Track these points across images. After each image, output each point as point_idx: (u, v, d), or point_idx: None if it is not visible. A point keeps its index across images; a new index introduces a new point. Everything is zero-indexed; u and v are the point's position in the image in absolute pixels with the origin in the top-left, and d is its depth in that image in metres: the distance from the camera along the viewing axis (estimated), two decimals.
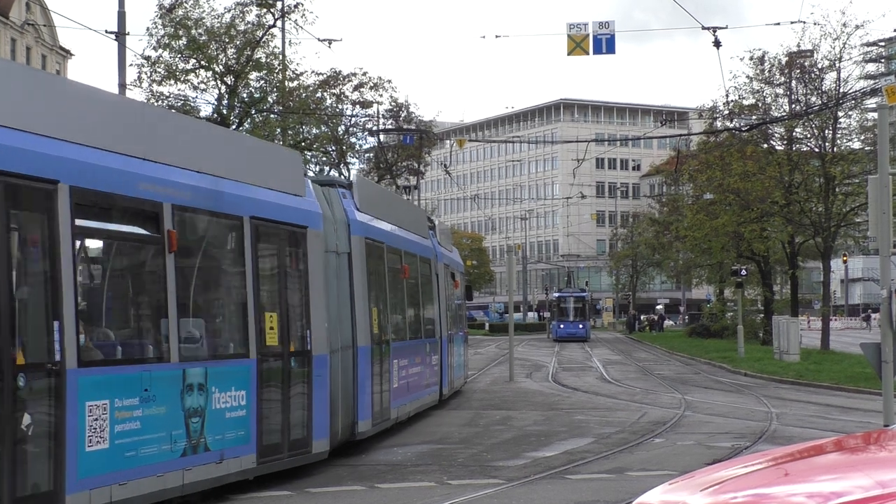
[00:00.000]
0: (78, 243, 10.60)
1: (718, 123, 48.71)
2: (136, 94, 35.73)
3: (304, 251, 14.56)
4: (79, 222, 10.32)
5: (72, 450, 9.81)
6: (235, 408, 12.59)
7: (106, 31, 26.24)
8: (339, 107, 42.21)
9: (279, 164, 14.68)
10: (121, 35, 25.69)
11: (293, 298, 14.39)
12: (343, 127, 43.42)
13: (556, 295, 76.92)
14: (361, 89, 42.05)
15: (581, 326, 70.98)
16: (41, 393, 9.68)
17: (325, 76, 40.64)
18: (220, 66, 36.68)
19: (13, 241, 9.69)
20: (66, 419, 9.80)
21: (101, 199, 10.71)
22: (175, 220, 11.60)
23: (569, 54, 28.09)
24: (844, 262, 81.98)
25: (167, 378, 11.38)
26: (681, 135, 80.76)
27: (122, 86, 26.10)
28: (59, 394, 9.75)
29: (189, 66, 36.77)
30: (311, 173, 32.33)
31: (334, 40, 38.49)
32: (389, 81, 43.38)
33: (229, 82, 36.82)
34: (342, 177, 29.37)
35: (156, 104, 36.28)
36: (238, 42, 36.69)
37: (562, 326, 71.19)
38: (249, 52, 36.70)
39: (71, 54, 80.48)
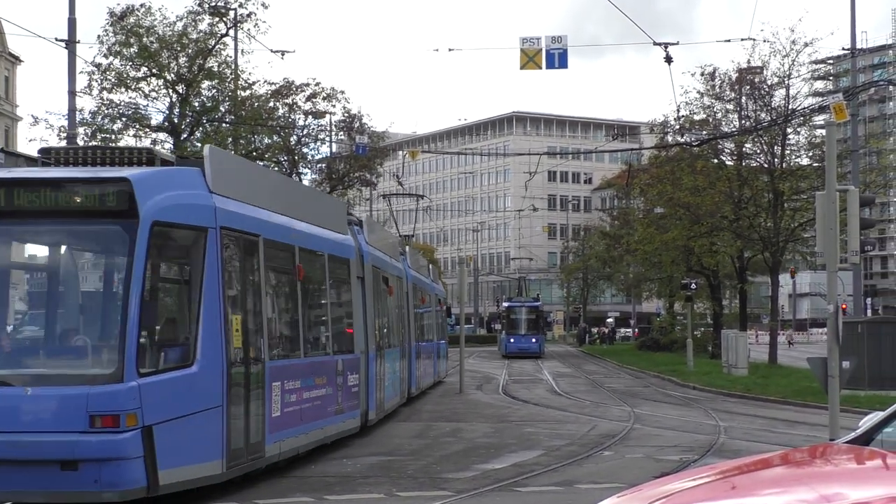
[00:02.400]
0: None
1: (669, 138, 48.98)
2: (86, 102, 35.46)
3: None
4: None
5: (413, 374, 28.37)
6: (403, 370, 26.55)
7: (56, 39, 26.00)
8: (292, 117, 42.00)
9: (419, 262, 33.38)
10: (71, 43, 25.46)
11: None
12: (295, 137, 43.20)
13: (507, 304, 69.16)
14: (314, 100, 41.74)
15: (534, 340, 63.85)
16: (397, 355, 23.53)
17: (277, 86, 40.40)
18: (172, 75, 36.40)
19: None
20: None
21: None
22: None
23: (521, 68, 28.16)
24: (792, 276, 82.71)
25: (415, 349, 28.61)
26: (632, 149, 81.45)
27: (72, 93, 25.88)
28: (409, 353, 27.49)
29: (140, 75, 36.48)
30: None
31: (287, 52, 37.99)
32: (342, 92, 42.72)
33: (181, 91, 36.55)
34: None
35: (106, 111, 36.05)
36: (190, 51, 36.44)
37: (512, 340, 64.00)
38: (201, 61, 36.45)
39: (20, 60, 79.67)
